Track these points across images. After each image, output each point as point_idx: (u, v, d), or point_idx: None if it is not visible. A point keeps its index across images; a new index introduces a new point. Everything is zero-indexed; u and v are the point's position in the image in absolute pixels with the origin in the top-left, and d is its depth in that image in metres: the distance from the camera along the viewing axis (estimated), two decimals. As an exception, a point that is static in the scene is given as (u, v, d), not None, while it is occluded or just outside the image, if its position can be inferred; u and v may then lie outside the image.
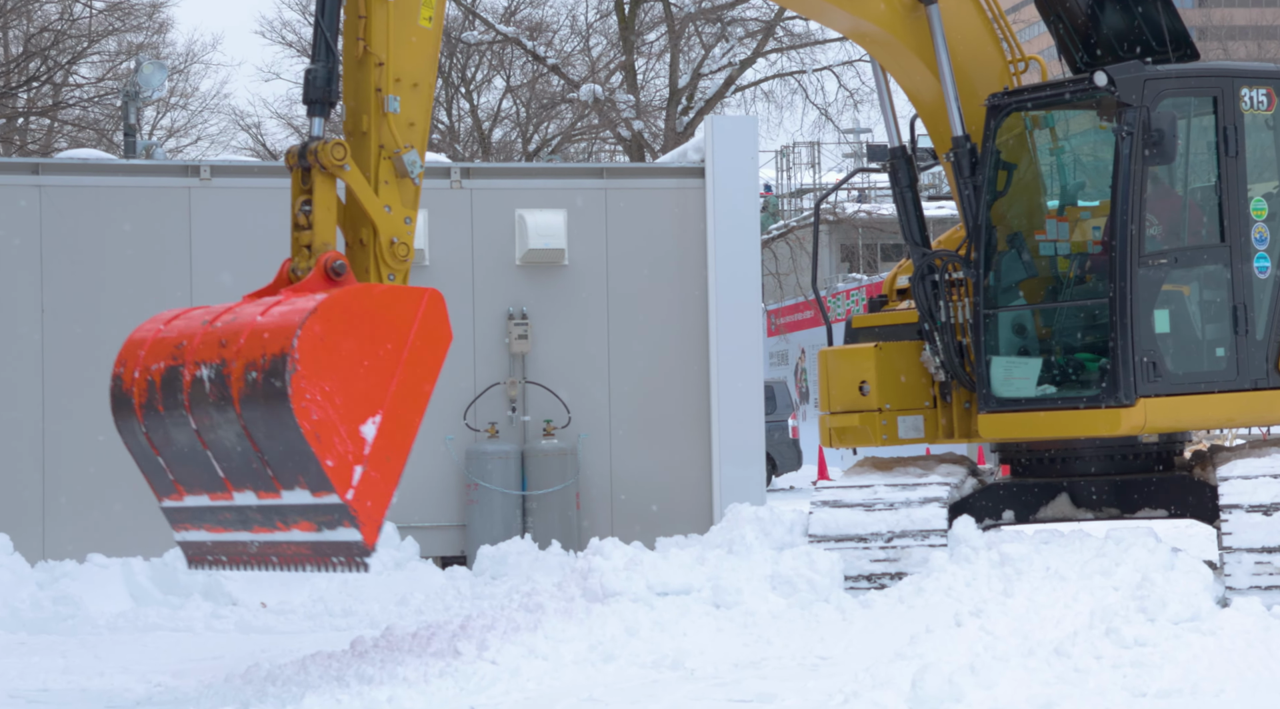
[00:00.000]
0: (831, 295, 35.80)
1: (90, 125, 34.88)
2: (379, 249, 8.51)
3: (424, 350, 7.82)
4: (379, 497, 7.60)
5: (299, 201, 8.42)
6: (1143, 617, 8.09)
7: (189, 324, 8.09)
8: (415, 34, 8.70)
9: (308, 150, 8.36)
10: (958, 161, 10.68)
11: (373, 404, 7.59)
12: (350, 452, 7.49)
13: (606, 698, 7.62)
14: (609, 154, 38.53)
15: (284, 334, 7.44)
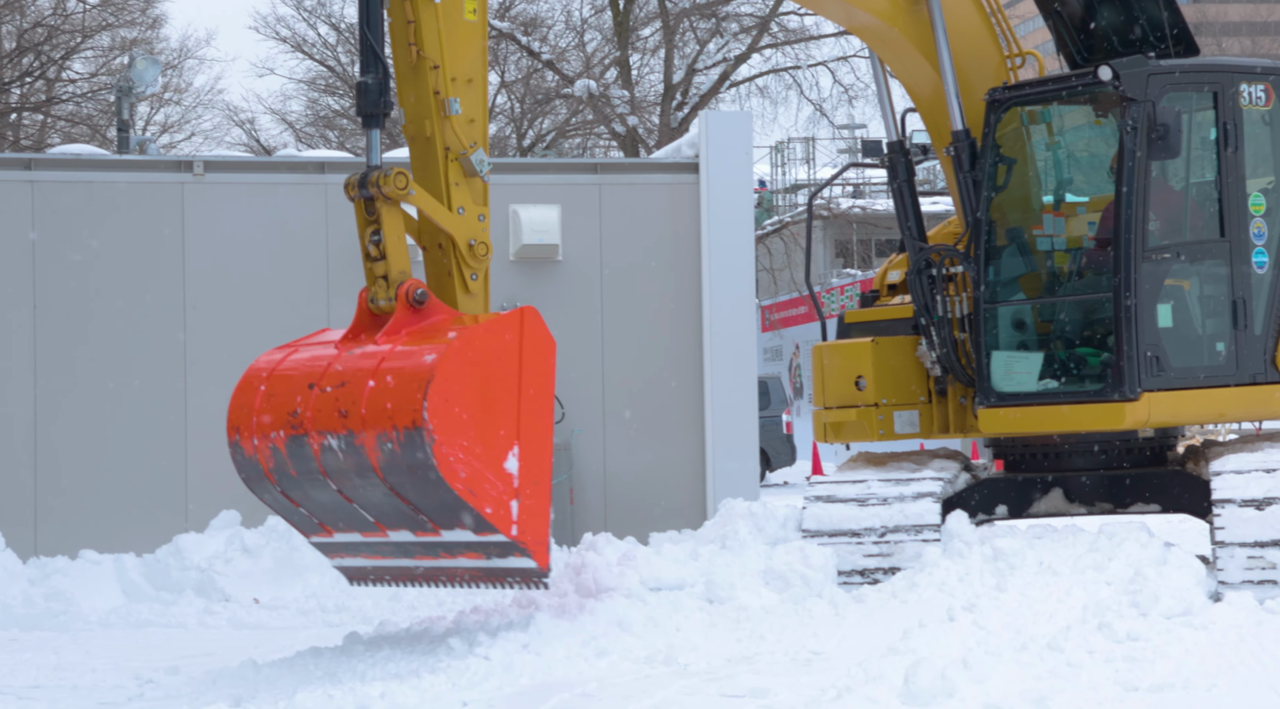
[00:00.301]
0: (826, 291, 35.81)
1: (84, 121, 34.83)
2: (458, 255, 8.66)
3: (535, 367, 8.00)
4: (539, 521, 7.93)
5: (367, 232, 8.51)
6: (1135, 611, 8.09)
7: (291, 386, 8.24)
8: (463, 29, 8.76)
9: (369, 181, 8.43)
10: (958, 156, 10.67)
11: (508, 437, 7.81)
12: (502, 490, 7.76)
13: (599, 693, 7.62)
14: (604, 150, 38.51)
15: (409, 406, 7.59)
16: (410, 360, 7.77)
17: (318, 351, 8.42)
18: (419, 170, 8.86)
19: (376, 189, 8.41)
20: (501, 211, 14.33)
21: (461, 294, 8.70)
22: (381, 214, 8.45)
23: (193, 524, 12.98)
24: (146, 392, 13.50)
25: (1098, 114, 10.88)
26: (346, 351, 8.21)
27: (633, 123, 34.11)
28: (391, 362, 7.85)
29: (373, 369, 7.88)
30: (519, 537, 7.78)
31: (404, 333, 8.08)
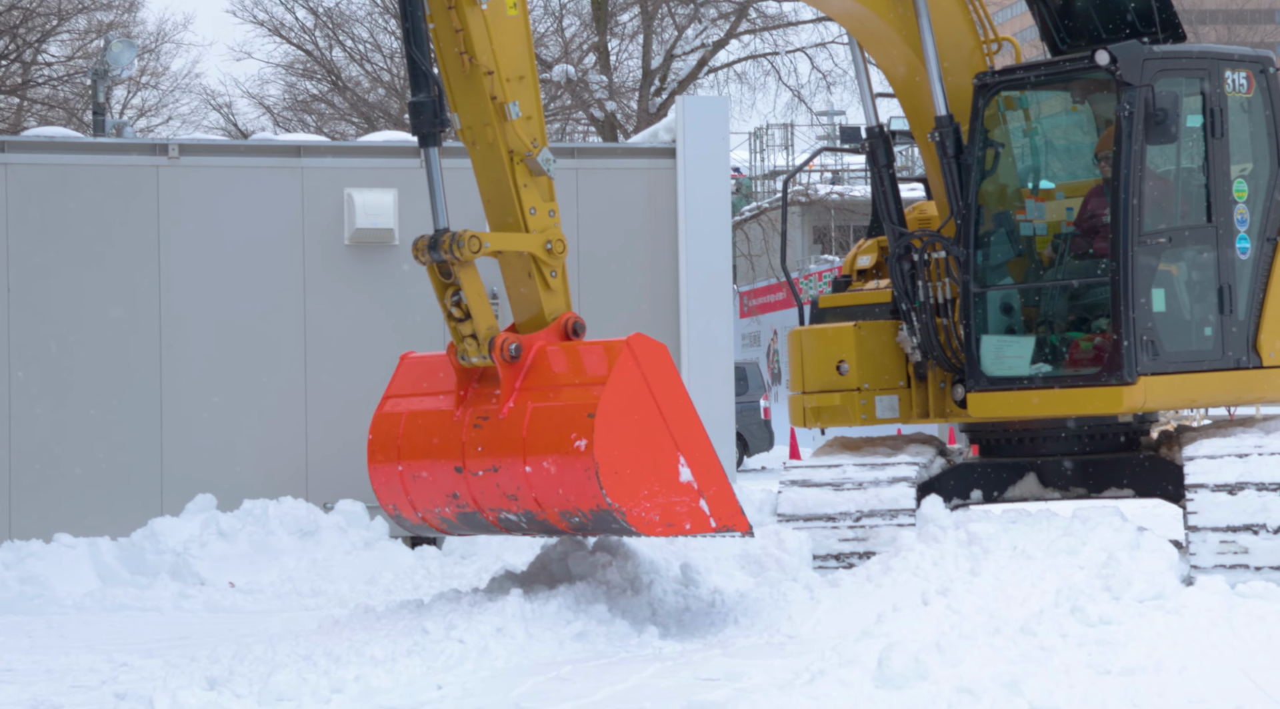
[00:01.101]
0: (804, 277, 35.84)
1: (60, 104, 34.66)
2: (537, 259, 8.78)
3: (663, 385, 8.31)
4: (727, 500, 8.46)
5: (447, 294, 8.65)
6: (1108, 595, 8.12)
7: (433, 467, 8.59)
8: (509, 26, 8.76)
9: (440, 244, 8.54)
10: (941, 141, 10.67)
11: (671, 455, 8.24)
12: (691, 502, 8.28)
13: (573, 676, 7.63)
14: (582, 135, 38.47)
15: (587, 493, 8.00)
16: (562, 446, 8.08)
17: (437, 419, 8.65)
18: (482, 174, 8.92)
19: (450, 254, 8.54)
20: (477, 196, 14.28)
21: (544, 292, 8.84)
22: (459, 275, 8.57)
23: (168, 508, 12.95)
24: (121, 375, 13.46)
25: (1092, 99, 10.90)
26: (472, 423, 8.46)
27: (611, 108, 34.08)
28: (539, 445, 8.18)
29: (521, 453, 8.22)
30: (719, 527, 8.39)
31: (516, 388, 8.40)
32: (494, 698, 7.11)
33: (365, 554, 12.29)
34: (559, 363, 8.54)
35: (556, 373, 8.49)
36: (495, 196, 8.94)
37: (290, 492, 13.03)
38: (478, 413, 8.50)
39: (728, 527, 8.45)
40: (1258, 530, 9.45)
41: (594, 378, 8.26)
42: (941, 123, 10.69)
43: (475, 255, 8.59)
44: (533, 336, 8.64)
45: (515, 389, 8.41)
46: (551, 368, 8.51)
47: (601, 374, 8.22)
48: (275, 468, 13.56)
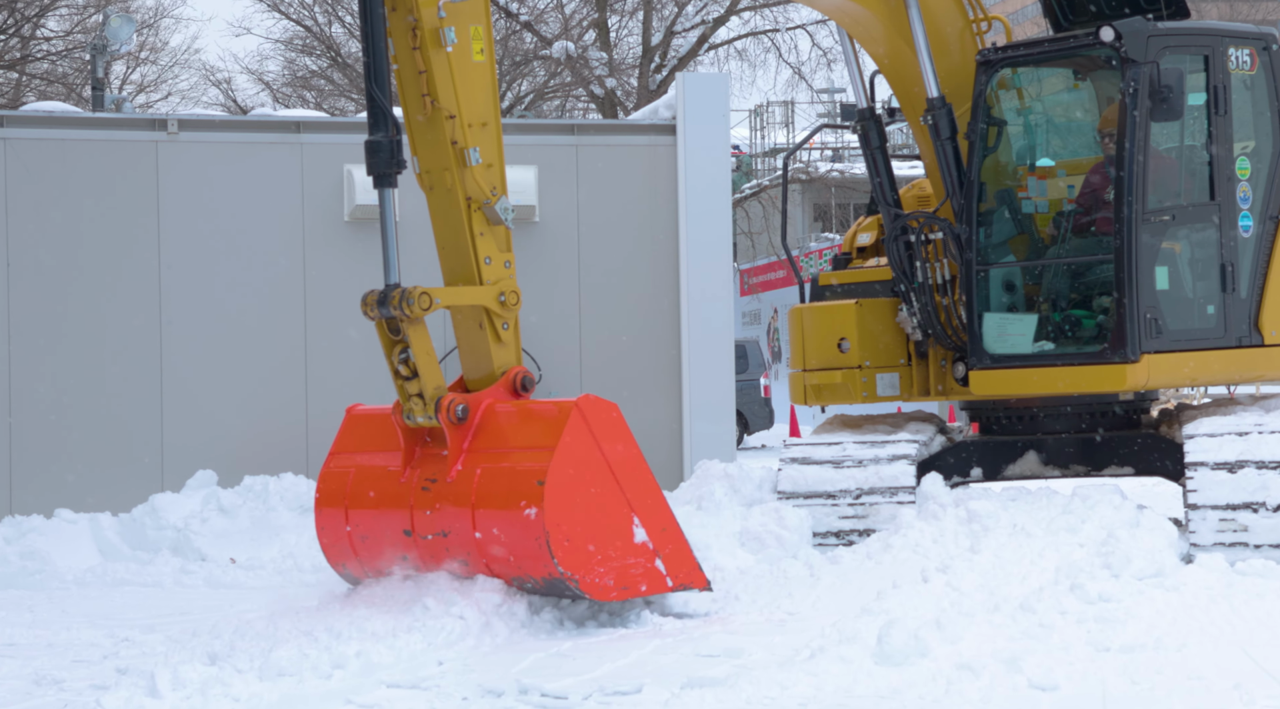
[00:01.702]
0: (805, 255, 35.81)
1: (59, 79, 34.57)
2: (491, 311, 8.67)
3: (614, 445, 8.12)
4: (682, 557, 8.37)
5: (395, 352, 8.48)
6: (1107, 573, 8.14)
7: (382, 528, 8.44)
8: (474, 72, 8.67)
9: (389, 301, 8.35)
10: (935, 124, 10.65)
11: (625, 517, 8.11)
12: (645, 562, 8.16)
13: (573, 653, 7.65)
14: (582, 112, 38.39)
15: (539, 562, 7.88)
16: (512, 513, 7.93)
17: (385, 479, 8.51)
18: (438, 219, 8.80)
19: (400, 311, 8.35)
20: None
21: (494, 345, 8.72)
22: (408, 333, 8.41)
23: (169, 484, 12.96)
24: (122, 350, 13.45)
25: (1094, 76, 10.88)
26: (420, 485, 8.33)
27: (611, 85, 34.00)
28: (489, 511, 8.04)
29: (470, 519, 8.08)
30: (676, 585, 8.30)
31: (465, 450, 8.27)
32: (495, 674, 7.12)
33: (365, 530, 12.30)
34: (508, 424, 8.36)
35: (505, 434, 8.32)
36: (450, 244, 8.78)
37: (291, 468, 13.04)
38: (426, 474, 8.38)
39: (684, 584, 8.35)
40: (1257, 508, 9.47)
41: (543, 442, 8.07)
42: (934, 105, 10.67)
43: (426, 313, 8.40)
44: (480, 395, 8.46)
45: (463, 451, 8.27)
46: (500, 429, 8.34)
47: (551, 438, 8.03)
48: (276, 444, 13.55)
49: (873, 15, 10.78)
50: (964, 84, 10.83)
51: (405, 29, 8.53)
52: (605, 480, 8.07)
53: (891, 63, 11.05)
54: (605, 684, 6.78)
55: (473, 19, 8.69)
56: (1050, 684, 6.47)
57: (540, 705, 6.53)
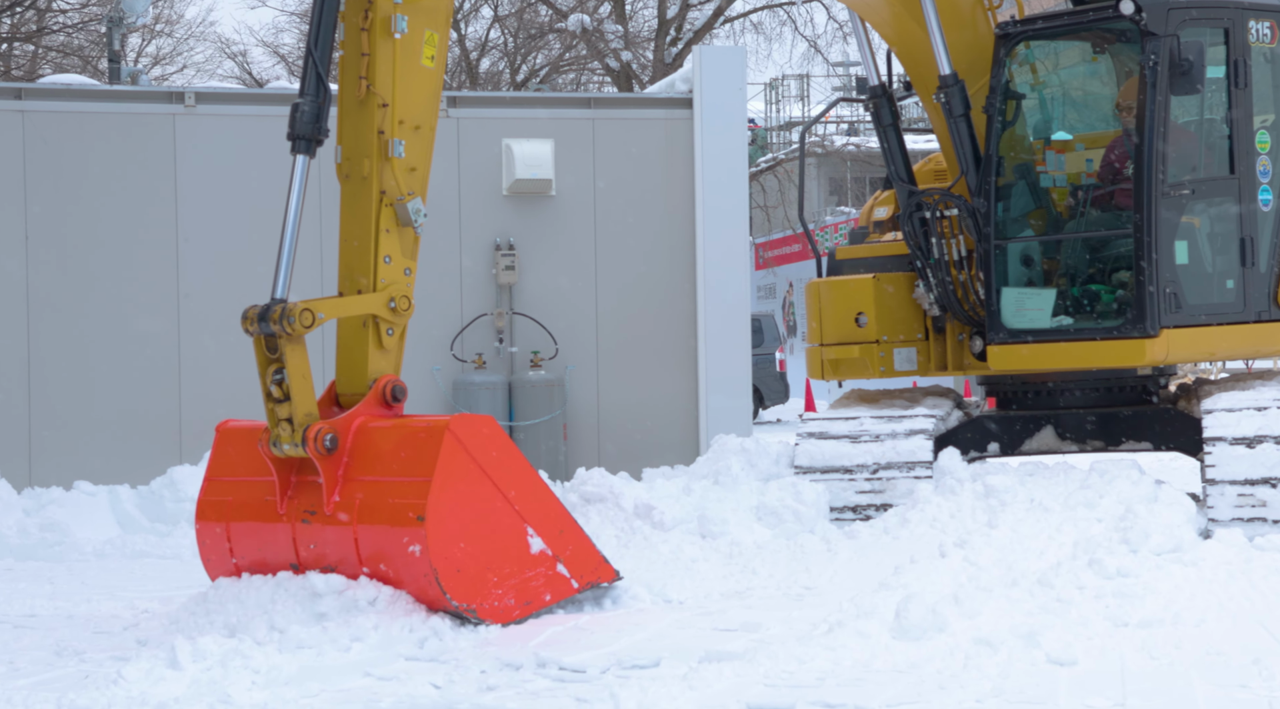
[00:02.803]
0: (820, 229, 35.74)
1: (75, 52, 34.58)
2: (379, 316, 8.17)
3: (494, 459, 7.73)
4: (587, 555, 8.03)
5: (269, 371, 7.91)
6: (1125, 548, 8.13)
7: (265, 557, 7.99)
8: (419, 74, 8.29)
9: (270, 317, 7.80)
10: (948, 102, 10.62)
11: (518, 530, 7.77)
12: (546, 570, 7.84)
13: (592, 626, 7.67)
14: (597, 85, 38.32)
15: (430, 595, 7.51)
16: (396, 550, 7.52)
17: (263, 511, 8.00)
18: (347, 210, 8.32)
19: (280, 327, 7.77)
20: (495, 146, 14.30)
21: (374, 351, 8.18)
22: (285, 352, 7.82)
23: (186, 456, 13.00)
24: (140, 323, 13.49)
25: (1113, 49, 10.83)
26: (300, 517, 7.87)
27: (626, 58, 33.92)
28: (372, 547, 7.61)
29: (355, 555, 7.67)
30: (582, 585, 8.01)
31: (340, 478, 7.79)
32: (513, 647, 7.14)
33: (383, 503, 12.32)
34: (382, 447, 7.84)
35: (380, 460, 7.81)
36: (352, 235, 8.29)
37: (309, 441, 13.05)
38: (303, 506, 7.91)
39: (591, 582, 8.03)
40: (1276, 483, 9.46)
41: (418, 470, 7.59)
42: (946, 82, 10.64)
43: (308, 330, 7.85)
44: (350, 416, 7.93)
45: (339, 479, 7.81)
46: (374, 454, 7.84)
47: (426, 465, 7.56)
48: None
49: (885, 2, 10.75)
50: (976, 60, 10.80)
51: (359, 5, 8.22)
52: (490, 498, 7.69)
53: (902, 42, 11.02)
54: (623, 658, 6.79)
55: (430, 22, 8.34)
56: (1068, 659, 6.47)
57: (558, 679, 6.55)
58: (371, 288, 8.18)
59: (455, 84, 37.24)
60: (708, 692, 6.13)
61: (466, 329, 14.16)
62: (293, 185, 8.16)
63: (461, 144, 14.30)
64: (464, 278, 14.19)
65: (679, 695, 6.04)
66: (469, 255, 14.21)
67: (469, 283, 14.21)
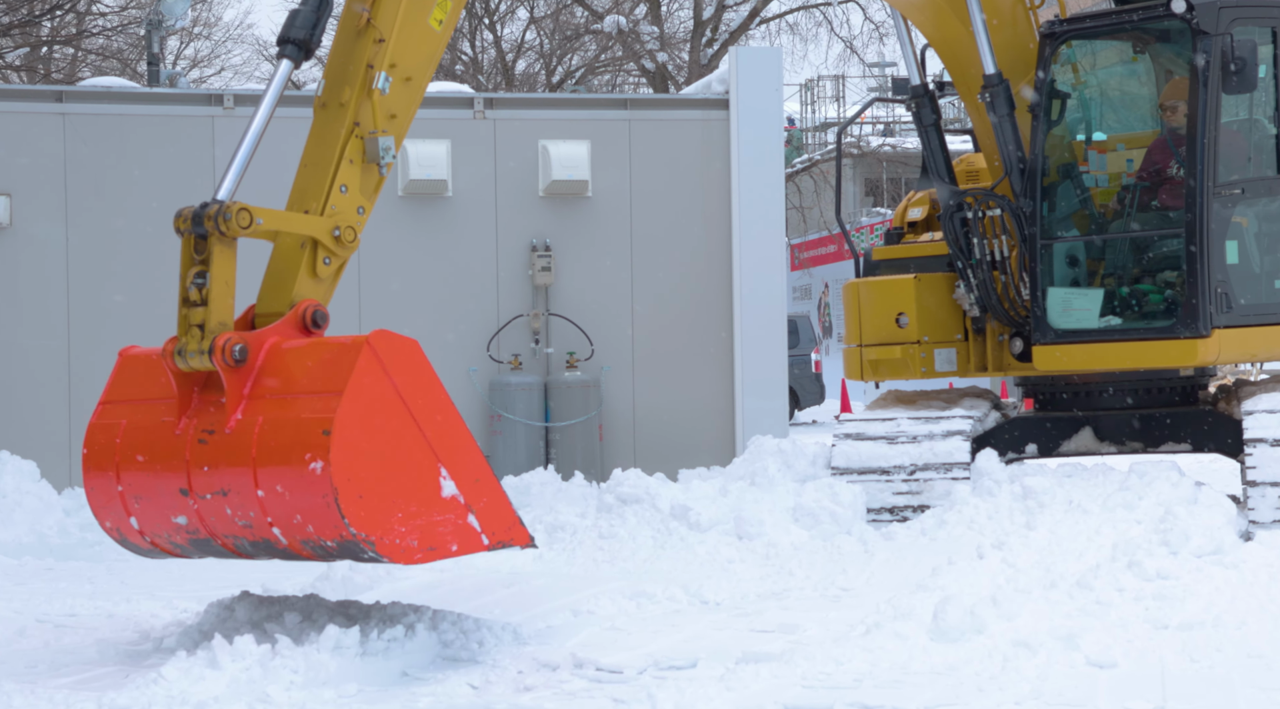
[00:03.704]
0: (855, 230, 35.68)
1: (114, 55, 34.79)
2: (320, 242, 7.62)
3: (413, 384, 7.08)
4: (502, 513, 7.31)
5: (191, 273, 7.34)
6: (1165, 550, 8.09)
7: (156, 487, 7.30)
8: (423, 28, 7.94)
9: (205, 216, 7.30)
10: (993, 101, 10.57)
11: (431, 468, 7.10)
12: (456, 518, 7.12)
13: (629, 627, 7.67)
14: (633, 86, 38.33)
15: (328, 522, 6.81)
16: (296, 468, 6.83)
17: (158, 432, 7.35)
18: (314, 137, 7.90)
19: (214, 225, 7.26)
20: (531, 147, 14.32)
21: (304, 276, 7.64)
22: (213, 254, 7.29)
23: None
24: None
25: (1156, 48, 10.77)
26: (197, 437, 7.20)
27: (662, 59, 33.93)
28: (272, 466, 6.94)
29: (252, 475, 6.98)
30: (493, 543, 7.25)
31: (245, 396, 7.17)
32: (550, 647, 7.15)
33: (419, 504, 12.35)
34: (293, 365, 7.25)
35: (290, 377, 7.21)
36: (314, 161, 7.84)
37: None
38: (202, 425, 7.24)
39: (503, 541, 7.28)
40: (1317, 486, 9.38)
41: (331, 385, 6.97)
42: (991, 81, 10.59)
43: (245, 232, 7.33)
44: (263, 333, 7.33)
45: (243, 397, 7.17)
46: (284, 371, 7.24)
47: (339, 380, 6.93)
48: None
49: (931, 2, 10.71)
50: (1016, 60, 10.76)
51: None
52: (404, 427, 7.01)
53: (945, 42, 10.98)
54: (660, 659, 6.79)
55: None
56: (1108, 662, 6.44)
57: (595, 679, 6.55)
58: (320, 212, 7.64)
59: (491, 85, 37.31)
60: (745, 693, 6.13)
61: (503, 330, 14.18)
62: (269, 89, 7.70)
63: (498, 145, 14.32)
64: (500, 279, 14.22)
65: (716, 696, 6.03)
66: (505, 256, 14.24)
67: (505, 284, 14.24)
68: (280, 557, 7.24)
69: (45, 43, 32.53)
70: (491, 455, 13.98)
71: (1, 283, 13.40)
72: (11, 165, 13.45)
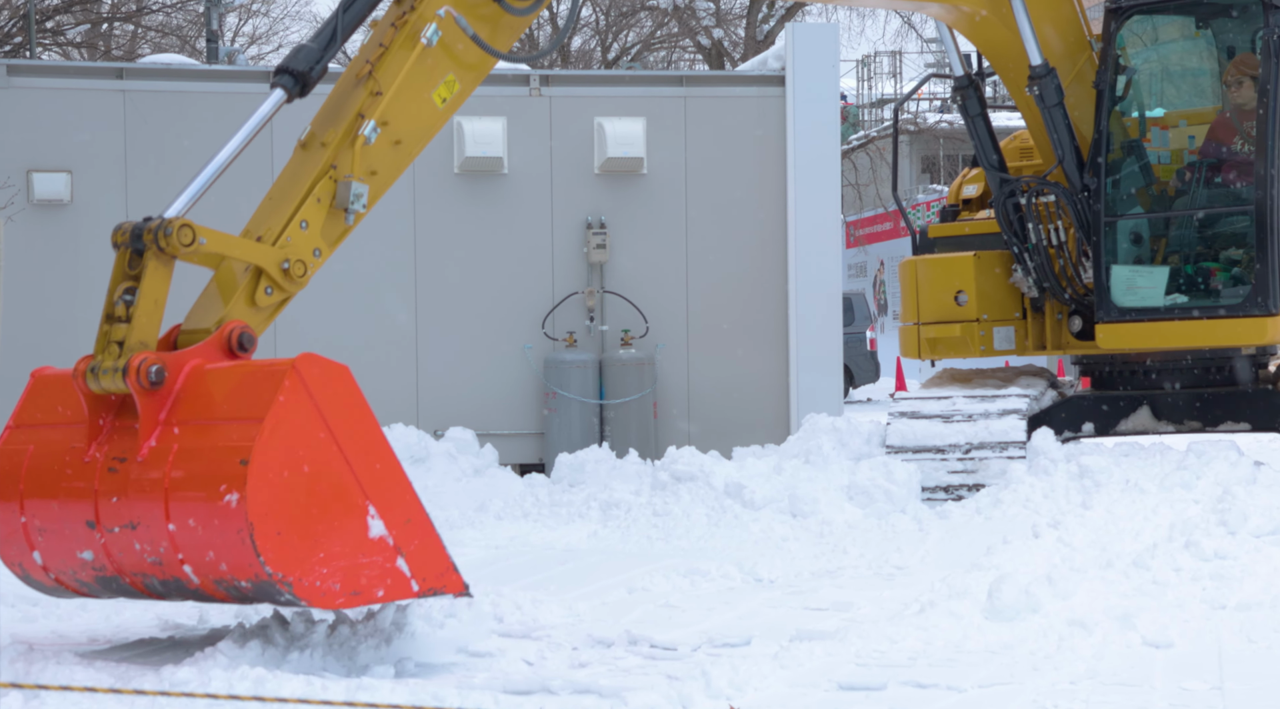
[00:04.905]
0: (912, 206, 35.51)
1: (173, 32, 35.02)
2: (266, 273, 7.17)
3: (340, 412, 6.53)
4: (434, 557, 6.70)
5: (121, 288, 6.90)
6: (1223, 530, 8.04)
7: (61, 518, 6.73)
8: (424, 100, 7.63)
9: (146, 230, 6.87)
10: (1042, 93, 10.47)
11: (358, 505, 6.50)
12: (384, 561, 6.53)
13: (683, 604, 7.69)
14: (689, 63, 38.24)
15: (243, 562, 6.26)
16: (210, 500, 6.30)
17: (67, 458, 6.79)
18: (285, 173, 7.57)
19: (153, 239, 6.81)
20: (586, 124, 14.33)
21: (240, 300, 7.16)
22: (146, 269, 6.84)
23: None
24: (236, 302, 13.64)
25: (1218, 24, 10.67)
26: (107, 465, 6.65)
27: (718, 35, 33.83)
28: (185, 497, 6.41)
29: (163, 507, 6.43)
30: (423, 589, 6.65)
31: (161, 422, 6.64)
32: (605, 624, 7.18)
33: (475, 481, 12.43)
34: (214, 389, 6.69)
35: (210, 403, 6.65)
36: (279, 195, 7.46)
37: (401, 419, 13.19)
38: (114, 452, 6.67)
39: (434, 588, 6.65)
40: (1378, 466, 9.29)
41: (252, 412, 6.39)
42: (1038, 72, 10.48)
43: (185, 252, 6.87)
44: (184, 354, 6.78)
45: (159, 422, 6.61)
46: (205, 396, 6.68)
47: (261, 406, 6.36)
48: (387, 395, 13.71)
49: (975, 12, 10.62)
50: (1071, 45, 10.66)
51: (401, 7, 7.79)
52: (330, 459, 6.43)
53: (992, 46, 10.91)
54: (714, 636, 6.81)
55: (459, 72, 7.74)
56: (1164, 642, 6.41)
57: (650, 656, 6.57)
58: (272, 243, 7.19)
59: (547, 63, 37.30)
60: (799, 670, 6.13)
61: (558, 308, 14.21)
62: (253, 116, 7.48)
63: (554, 123, 14.33)
64: (555, 256, 14.24)
65: (770, 674, 6.04)
66: (560, 234, 14.26)
67: (560, 261, 14.26)
68: (193, 598, 6.67)
69: (105, 19, 32.78)
70: (546, 433, 14.03)
71: (62, 258, 13.54)
72: (72, 142, 13.58)
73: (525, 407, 14.12)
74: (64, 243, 13.56)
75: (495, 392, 14.00)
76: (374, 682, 6.14)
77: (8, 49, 27.97)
